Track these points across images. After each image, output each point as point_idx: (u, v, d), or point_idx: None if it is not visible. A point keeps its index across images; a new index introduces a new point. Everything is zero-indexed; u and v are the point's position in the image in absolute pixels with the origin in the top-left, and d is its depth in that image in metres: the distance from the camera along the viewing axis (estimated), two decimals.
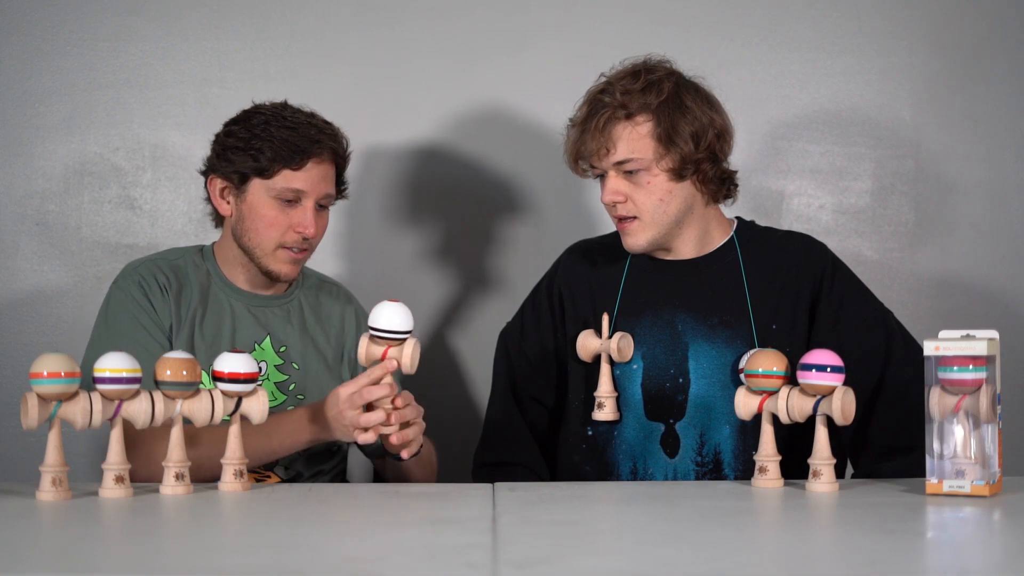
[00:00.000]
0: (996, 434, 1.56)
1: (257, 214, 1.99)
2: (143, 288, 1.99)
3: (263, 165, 1.97)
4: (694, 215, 1.96)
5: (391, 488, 1.77)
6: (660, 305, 1.97)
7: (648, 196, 1.91)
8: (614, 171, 1.92)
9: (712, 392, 1.91)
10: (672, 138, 1.89)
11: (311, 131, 1.99)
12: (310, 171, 1.98)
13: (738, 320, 1.93)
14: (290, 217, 1.99)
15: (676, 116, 1.90)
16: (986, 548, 1.35)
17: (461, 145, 2.58)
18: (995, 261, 2.60)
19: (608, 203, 1.93)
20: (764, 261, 1.98)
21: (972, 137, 2.60)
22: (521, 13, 2.59)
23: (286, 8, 2.58)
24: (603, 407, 1.94)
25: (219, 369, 1.66)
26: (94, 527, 1.47)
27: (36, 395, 1.56)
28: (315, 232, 2.00)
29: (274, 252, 2.01)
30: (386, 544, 1.34)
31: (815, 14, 2.60)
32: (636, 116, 1.90)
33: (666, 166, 1.90)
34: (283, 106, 2.03)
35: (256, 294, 2.07)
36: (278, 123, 1.98)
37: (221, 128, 2.04)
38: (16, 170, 2.56)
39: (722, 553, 1.29)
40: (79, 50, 2.56)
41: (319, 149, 1.99)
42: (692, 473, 1.92)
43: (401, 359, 1.75)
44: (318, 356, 2.08)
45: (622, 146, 1.90)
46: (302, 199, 1.99)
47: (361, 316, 2.15)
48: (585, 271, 2.05)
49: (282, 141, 1.96)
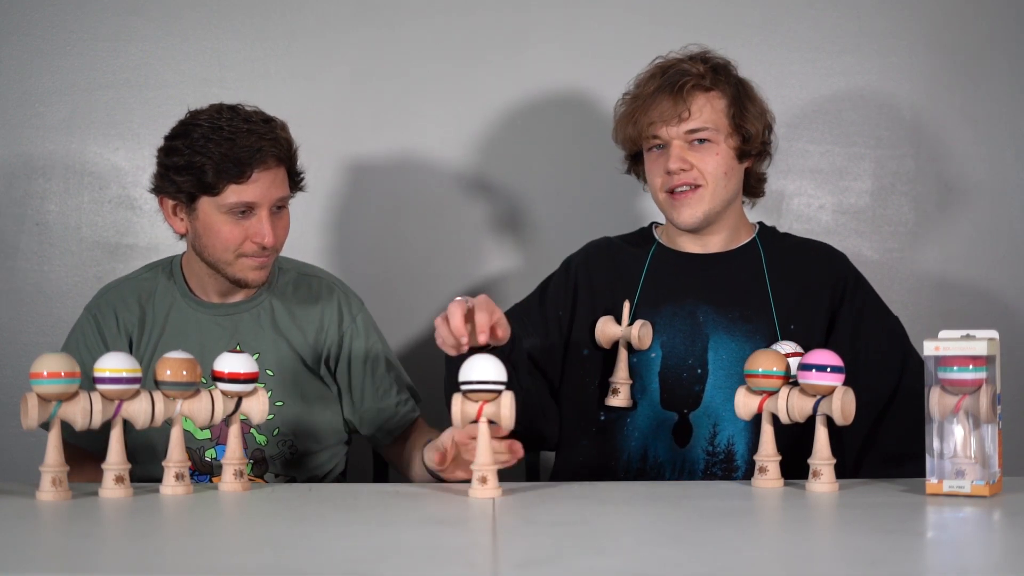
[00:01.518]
0: (996, 434, 1.56)
1: (212, 231, 1.95)
2: (97, 323, 2.05)
3: (208, 183, 1.91)
4: (736, 205, 2.02)
5: (391, 488, 1.76)
6: (682, 296, 1.97)
7: (716, 165, 1.96)
8: (681, 140, 1.95)
9: (730, 384, 1.91)
10: (744, 115, 1.97)
11: (250, 140, 1.91)
12: (257, 181, 1.92)
13: (759, 315, 1.95)
14: (246, 229, 1.94)
15: (745, 100, 1.99)
16: (986, 548, 1.35)
17: (461, 145, 2.58)
18: (995, 261, 2.60)
19: (674, 170, 1.94)
20: (786, 262, 2.00)
21: (972, 137, 2.60)
22: (521, 13, 2.59)
23: (286, 8, 2.58)
24: (618, 393, 1.95)
25: (219, 369, 1.66)
26: (94, 527, 1.47)
27: (36, 395, 1.56)
28: (273, 239, 1.95)
29: (236, 262, 1.97)
30: (386, 544, 1.33)
31: (815, 14, 2.60)
32: (714, 89, 1.97)
33: (732, 143, 1.97)
34: (219, 112, 1.95)
35: (224, 303, 2.05)
36: (216, 136, 1.90)
37: (162, 142, 1.98)
38: (16, 170, 2.56)
39: (722, 553, 1.29)
40: (79, 50, 2.56)
41: (261, 157, 1.92)
42: (701, 462, 1.92)
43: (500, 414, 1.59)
44: (294, 358, 2.04)
45: (702, 113, 1.95)
46: (255, 209, 1.94)
47: (344, 305, 2.10)
48: (606, 261, 2.07)
49: (222, 156, 1.90)
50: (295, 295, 2.09)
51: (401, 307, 2.55)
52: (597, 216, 2.50)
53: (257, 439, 2.02)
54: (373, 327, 2.12)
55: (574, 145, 2.58)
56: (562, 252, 2.17)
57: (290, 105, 2.16)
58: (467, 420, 1.60)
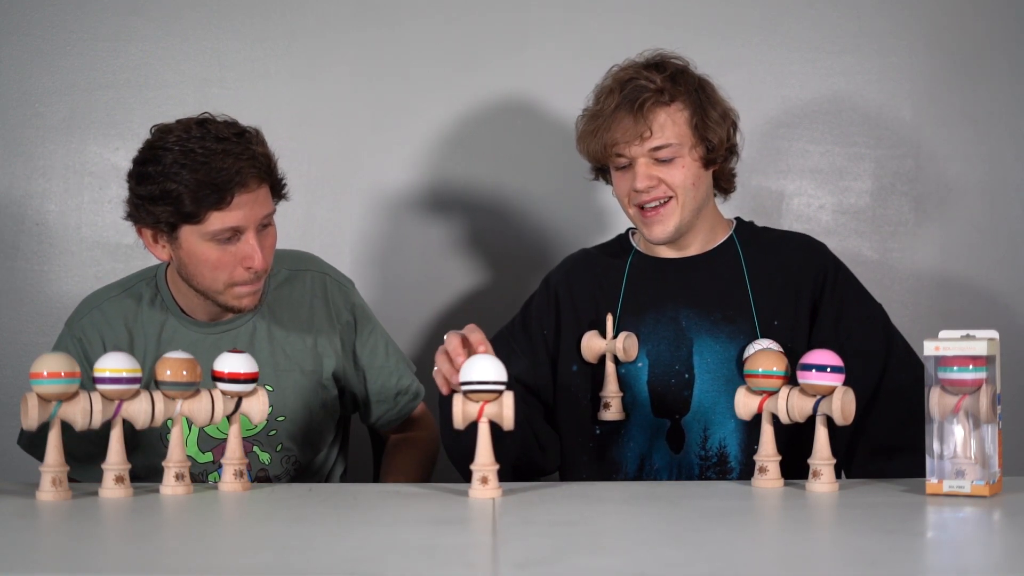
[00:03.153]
0: (996, 434, 1.56)
1: (198, 260, 1.85)
2: (82, 346, 1.98)
3: (187, 212, 1.80)
4: (708, 208, 2.00)
5: (391, 488, 1.77)
6: (663, 302, 1.97)
7: (684, 177, 1.93)
8: (645, 158, 1.92)
9: (716, 387, 1.91)
10: (707, 124, 1.93)
11: (227, 162, 1.80)
12: (240, 204, 1.82)
13: (740, 315, 1.94)
14: (234, 254, 1.85)
15: (707, 105, 1.94)
16: (986, 548, 1.35)
17: (461, 144, 2.58)
18: (995, 261, 2.60)
19: (642, 188, 1.92)
20: (765, 258, 1.99)
21: (972, 137, 2.60)
22: (522, 13, 2.59)
23: (286, 8, 2.58)
24: (609, 407, 1.94)
25: (219, 369, 1.66)
26: (94, 527, 1.47)
27: (36, 395, 1.56)
28: (263, 263, 1.86)
29: (227, 291, 1.89)
30: (386, 544, 1.33)
31: (815, 14, 2.60)
32: (675, 102, 1.92)
33: (697, 154, 1.94)
34: (187, 130, 1.83)
35: (218, 322, 2.00)
36: (188, 161, 1.79)
37: (131, 166, 1.88)
38: (16, 170, 2.56)
39: (722, 553, 1.29)
40: (79, 50, 2.56)
41: (241, 180, 1.81)
42: (696, 467, 1.92)
43: (502, 415, 1.58)
44: (292, 368, 2.01)
45: (664, 131, 1.91)
46: (241, 233, 1.84)
47: (338, 297, 2.06)
48: (586, 274, 2.05)
49: (198, 184, 1.79)
50: (290, 296, 2.04)
51: (401, 307, 2.55)
52: (604, 212, 2.50)
53: (261, 458, 2.01)
54: (367, 313, 2.11)
55: (575, 145, 2.57)
56: (564, 251, 2.16)
57: (290, 105, 2.17)
58: (468, 420, 1.59)
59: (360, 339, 2.07)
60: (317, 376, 2.03)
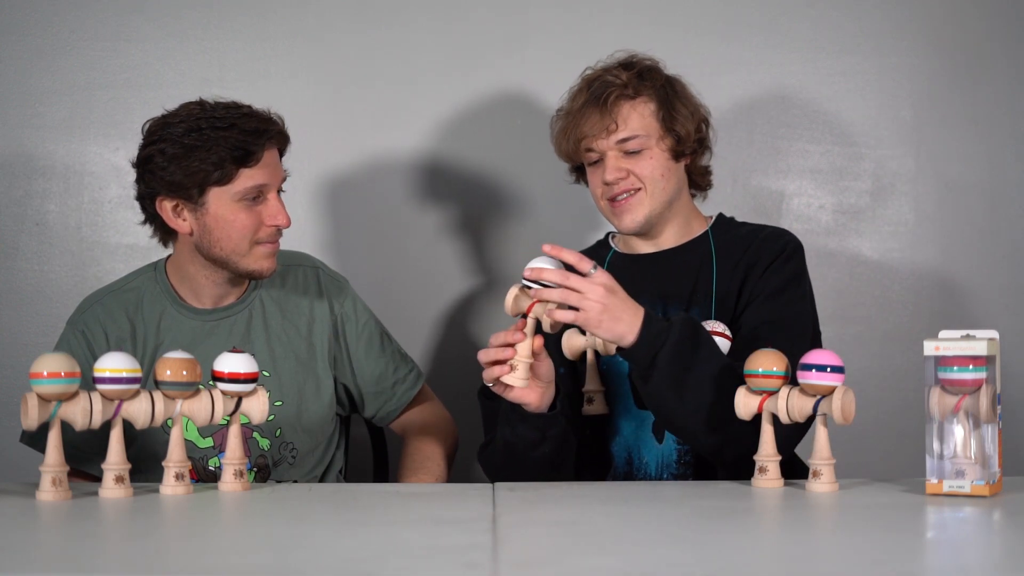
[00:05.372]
0: (996, 434, 1.56)
1: (226, 222, 1.93)
2: (86, 339, 2.01)
3: (218, 171, 1.89)
4: (681, 201, 2.03)
5: (391, 488, 1.77)
6: (638, 295, 1.97)
7: (652, 169, 1.97)
8: (615, 151, 1.97)
9: None
10: (674, 117, 1.97)
11: (251, 123, 1.92)
12: (266, 162, 1.93)
13: (704, 300, 1.97)
14: (259, 214, 1.94)
15: (674, 100, 1.99)
16: (986, 548, 1.35)
17: (462, 144, 2.58)
18: (995, 261, 2.60)
19: (611, 180, 1.96)
20: (734, 248, 2.00)
21: (972, 137, 2.60)
22: (521, 13, 2.59)
23: (286, 8, 2.58)
24: (592, 402, 1.96)
25: (219, 369, 1.66)
26: (94, 527, 1.47)
27: (36, 395, 1.56)
28: (288, 220, 1.96)
29: (251, 251, 1.95)
30: (386, 544, 1.34)
31: (815, 14, 2.60)
32: (640, 96, 1.98)
33: (666, 145, 1.98)
34: (201, 106, 1.94)
35: (216, 308, 2.03)
36: (213, 125, 1.90)
37: (140, 149, 1.96)
38: (16, 170, 2.56)
39: (722, 553, 1.29)
40: (79, 50, 2.56)
41: (269, 135, 1.94)
42: (675, 453, 1.94)
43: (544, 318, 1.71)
44: (288, 355, 2.05)
45: (628, 123, 1.96)
46: (264, 192, 1.94)
47: (333, 291, 2.09)
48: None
49: (230, 142, 1.89)
50: (283, 288, 2.08)
51: (400, 306, 2.55)
52: (599, 216, 2.49)
53: (260, 443, 2.02)
54: (362, 307, 2.13)
55: None
56: None
57: (290, 105, 2.15)
58: (517, 311, 1.72)
59: (354, 332, 2.10)
60: (312, 364, 2.06)
